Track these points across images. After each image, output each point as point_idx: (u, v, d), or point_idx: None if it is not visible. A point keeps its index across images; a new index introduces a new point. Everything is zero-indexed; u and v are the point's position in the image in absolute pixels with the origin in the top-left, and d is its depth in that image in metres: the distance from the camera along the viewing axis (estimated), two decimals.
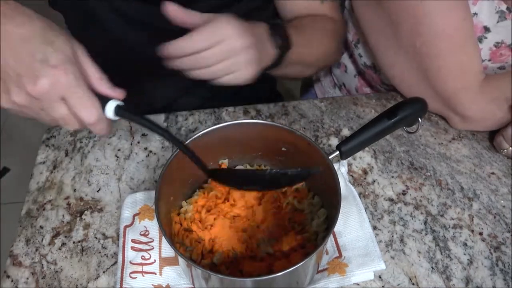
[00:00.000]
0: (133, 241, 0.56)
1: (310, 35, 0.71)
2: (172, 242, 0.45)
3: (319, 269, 0.54)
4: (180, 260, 0.51)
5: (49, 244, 0.58)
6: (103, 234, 0.59)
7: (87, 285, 0.54)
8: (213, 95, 0.85)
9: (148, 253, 0.55)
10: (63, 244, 0.58)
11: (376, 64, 0.83)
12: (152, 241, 0.56)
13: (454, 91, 0.68)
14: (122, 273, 0.53)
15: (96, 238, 0.58)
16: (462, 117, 0.71)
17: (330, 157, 0.52)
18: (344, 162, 0.67)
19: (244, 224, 0.56)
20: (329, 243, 0.57)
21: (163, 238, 0.56)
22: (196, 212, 0.56)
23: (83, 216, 0.61)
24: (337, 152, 0.53)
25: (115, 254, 0.57)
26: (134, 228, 0.57)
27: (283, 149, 0.58)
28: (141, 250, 0.55)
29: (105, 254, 0.57)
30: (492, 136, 0.71)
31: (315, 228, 0.54)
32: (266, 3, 0.78)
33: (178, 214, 0.57)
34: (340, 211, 0.47)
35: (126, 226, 0.58)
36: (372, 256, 0.55)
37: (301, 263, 0.43)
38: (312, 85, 1.09)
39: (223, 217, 0.56)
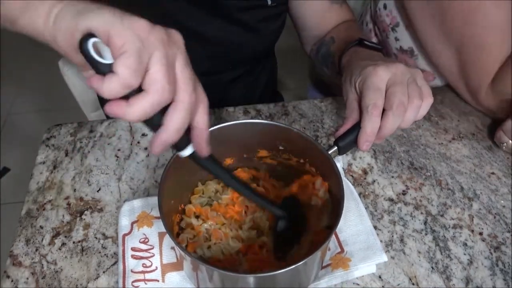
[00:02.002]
0: (133, 249, 0.56)
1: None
2: (175, 240, 0.45)
3: (323, 265, 0.54)
4: (185, 263, 0.51)
5: (49, 244, 0.58)
6: (103, 234, 0.59)
7: (87, 285, 0.54)
8: (219, 100, 0.85)
9: (149, 260, 0.55)
10: (63, 244, 0.58)
11: (416, 48, 0.83)
12: (152, 248, 0.56)
13: (483, 84, 0.70)
14: (124, 282, 0.53)
15: (96, 238, 0.58)
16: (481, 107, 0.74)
17: (329, 152, 0.52)
18: (339, 157, 0.68)
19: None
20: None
21: (164, 245, 0.56)
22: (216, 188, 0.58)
23: (83, 216, 0.61)
24: (335, 148, 0.53)
25: (115, 254, 0.57)
26: (133, 236, 0.57)
27: (280, 148, 0.58)
28: (141, 258, 0.55)
29: (105, 254, 0.57)
30: (492, 136, 0.71)
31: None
32: (282, 12, 0.78)
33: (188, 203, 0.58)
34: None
35: (124, 235, 0.57)
36: (373, 249, 0.56)
37: (303, 261, 0.43)
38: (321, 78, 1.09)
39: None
